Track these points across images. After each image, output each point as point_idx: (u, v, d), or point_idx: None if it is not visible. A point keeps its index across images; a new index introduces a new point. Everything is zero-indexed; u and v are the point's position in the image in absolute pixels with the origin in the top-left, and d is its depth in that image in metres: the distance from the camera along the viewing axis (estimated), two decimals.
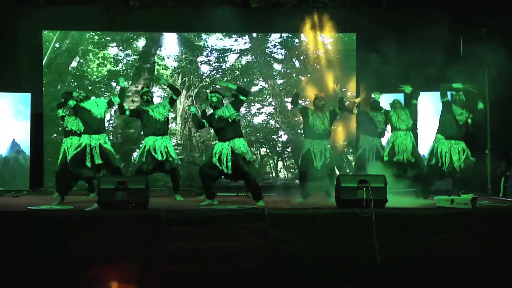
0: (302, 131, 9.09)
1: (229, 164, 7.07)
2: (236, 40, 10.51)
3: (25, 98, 9.82)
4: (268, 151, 10.65)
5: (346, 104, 8.13)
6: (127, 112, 7.90)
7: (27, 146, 9.77)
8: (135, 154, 10.19)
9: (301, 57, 10.53)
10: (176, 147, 9.84)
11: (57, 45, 10.22)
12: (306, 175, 7.65)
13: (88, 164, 7.50)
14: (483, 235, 5.92)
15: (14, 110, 9.74)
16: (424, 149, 8.31)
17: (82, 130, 7.85)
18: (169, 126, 8.26)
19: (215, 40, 10.50)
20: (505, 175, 7.89)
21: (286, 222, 5.98)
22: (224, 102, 7.51)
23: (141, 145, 8.11)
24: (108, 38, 10.41)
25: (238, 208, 6.45)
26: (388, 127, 8.25)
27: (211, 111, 7.39)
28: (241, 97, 7.31)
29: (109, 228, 5.80)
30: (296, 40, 10.56)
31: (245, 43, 10.53)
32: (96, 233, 5.78)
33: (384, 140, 8.45)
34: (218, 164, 7.08)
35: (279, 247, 5.83)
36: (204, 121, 7.34)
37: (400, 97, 8.49)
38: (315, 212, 6.17)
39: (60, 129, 9.47)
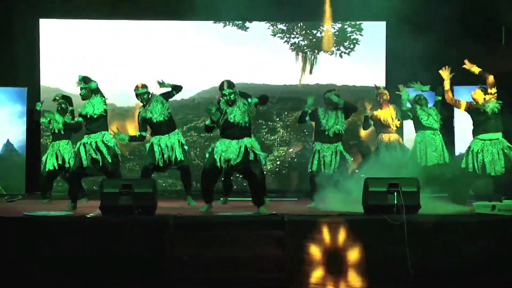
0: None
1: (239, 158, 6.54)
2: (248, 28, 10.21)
3: (21, 93, 9.58)
4: None
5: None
6: (144, 133, 7.38)
7: (22, 145, 9.50)
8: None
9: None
10: None
11: (55, 35, 9.91)
12: (314, 179, 7.25)
13: (85, 163, 7.07)
14: None
15: (9, 106, 9.51)
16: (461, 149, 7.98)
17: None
18: None
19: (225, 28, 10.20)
20: None
21: (308, 229, 5.61)
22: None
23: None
24: None
25: (254, 214, 6.24)
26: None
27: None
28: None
29: (113, 235, 5.53)
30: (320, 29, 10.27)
31: (259, 31, 10.27)
32: (98, 241, 5.50)
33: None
34: (218, 162, 6.55)
35: (298, 257, 5.50)
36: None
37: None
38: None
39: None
